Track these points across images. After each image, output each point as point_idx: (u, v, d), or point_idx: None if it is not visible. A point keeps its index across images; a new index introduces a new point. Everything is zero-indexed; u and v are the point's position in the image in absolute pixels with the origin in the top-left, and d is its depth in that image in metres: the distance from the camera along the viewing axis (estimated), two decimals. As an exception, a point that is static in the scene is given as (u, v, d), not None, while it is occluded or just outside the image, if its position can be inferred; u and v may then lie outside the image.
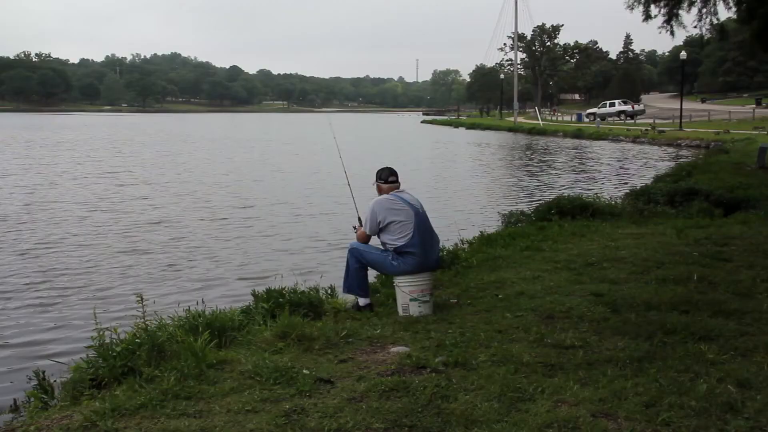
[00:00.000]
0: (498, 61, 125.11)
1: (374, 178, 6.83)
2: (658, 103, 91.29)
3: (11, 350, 7.50)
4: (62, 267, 10.89)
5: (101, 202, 18.33)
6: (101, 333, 5.43)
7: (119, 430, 3.90)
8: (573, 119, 79.64)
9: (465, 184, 23.91)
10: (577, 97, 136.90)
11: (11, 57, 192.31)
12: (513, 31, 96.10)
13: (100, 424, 3.98)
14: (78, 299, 9.29)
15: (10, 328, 8.18)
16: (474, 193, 21.63)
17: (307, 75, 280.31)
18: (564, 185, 23.48)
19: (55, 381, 5.57)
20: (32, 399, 5.34)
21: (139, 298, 5.67)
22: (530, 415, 3.92)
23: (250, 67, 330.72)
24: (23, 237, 13.47)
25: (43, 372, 5.66)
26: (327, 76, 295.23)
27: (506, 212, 13.35)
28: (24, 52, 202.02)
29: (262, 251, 12.47)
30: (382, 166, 6.92)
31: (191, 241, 13.26)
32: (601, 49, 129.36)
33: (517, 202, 18.80)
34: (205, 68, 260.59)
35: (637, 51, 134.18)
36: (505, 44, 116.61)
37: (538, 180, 25.69)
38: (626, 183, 23.29)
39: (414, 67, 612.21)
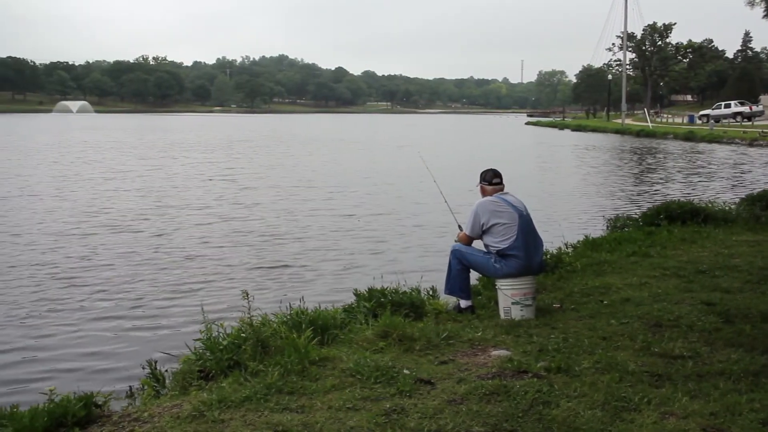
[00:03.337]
0: (606, 62, 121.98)
1: (478, 180, 6.80)
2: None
3: (128, 342, 7.87)
4: (175, 276, 11.11)
5: (216, 203, 18.93)
6: (209, 327, 5.62)
7: (225, 421, 4.03)
8: (684, 121, 76.63)
9: (570, 188, 23.42)
10: (689, 98, 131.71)
11: (131, 61, 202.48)
12: (622, 30, 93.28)
13: (207, 414, 4.12)
14: (188, 295, 9.65)
15: (127, 321, 8.60)
16: (579, 196, 21.16)
17: (411, 76, 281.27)
18: (674, 189, 22.66)
19: (166, 371, 5.80)
20: (146, 387, 5.59)
21: (244, 294, 5.82)
22: (635, 425, 3.81)
23: (355, 68, 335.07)
24: (149, 237, 14.10)
25: (156, 362, 5.91)
26: (431, 77, 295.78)
27: (612, 216, 13.00)
28: (143, 55, 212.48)
29: (364, 251, 12.59)
30: (486, 168, 6.88)
31: (294, 241, 13.54)
32: (716, 48, 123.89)
33: (623, 207, 18.27)
34: (311, 69, 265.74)
35: (758, 49, 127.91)
36: (613, 44, 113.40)
37: (647, 184, 24.89)
38: (742, 188, 22.25)
39: (519, 67, 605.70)
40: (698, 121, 72.43)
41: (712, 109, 74.23)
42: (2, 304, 9.19)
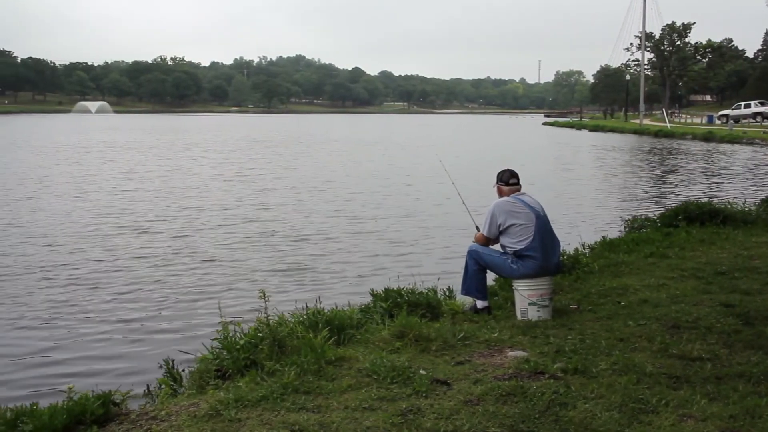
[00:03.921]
0: (624, 62, 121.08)
1: (495, 180, 6.79)
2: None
3: (146, 342, 7.92)
4: (195, 277, 11.13)
5: (236, 204, 19.00)
6: (226, 326, 5.64)
7: (242, 420, 4.05)
8: (703, 121, 75.92)
9: (587, 188, 23.32)
10: (708, 98, 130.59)
11: (149, 61, 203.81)
12: (640, 30, 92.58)
13: (224, 413, 4.14)
14: (207, 297, 9.68)
15: (146, 322, 8.66)
16: (596, 197, 21.06)
17: (428, 76, 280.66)
18: (693, 190, 22.50)
19: (183, 371, 5.83)
20: (163, 386, 5.62)
21: (261, 294, 5.83)
22: (653, 428, 3.79)
23: (372, 69, 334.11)
24: (169, 238, 14.20)
25: (173, 361, 5.94)
26: (447, 78, 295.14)
27: (630, 217, 12.93)
28: (161, 56, 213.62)
29: (384, 253, 12.58)
30: (503, 168, 6.87)
31: (314, 243, 13.57)
32: (736, 48, 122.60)
33: (641, 207, 18.17)
34: (328, 70, 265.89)
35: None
36: (631, 44, 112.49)
37: (665, 185, 24.74)
38: (762, 189, 22.05)
39: (536, 67, 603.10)
40: (717, 122, 71.76)
41: (732, 110, 73.54)
42: (23, 305, 9.27)
